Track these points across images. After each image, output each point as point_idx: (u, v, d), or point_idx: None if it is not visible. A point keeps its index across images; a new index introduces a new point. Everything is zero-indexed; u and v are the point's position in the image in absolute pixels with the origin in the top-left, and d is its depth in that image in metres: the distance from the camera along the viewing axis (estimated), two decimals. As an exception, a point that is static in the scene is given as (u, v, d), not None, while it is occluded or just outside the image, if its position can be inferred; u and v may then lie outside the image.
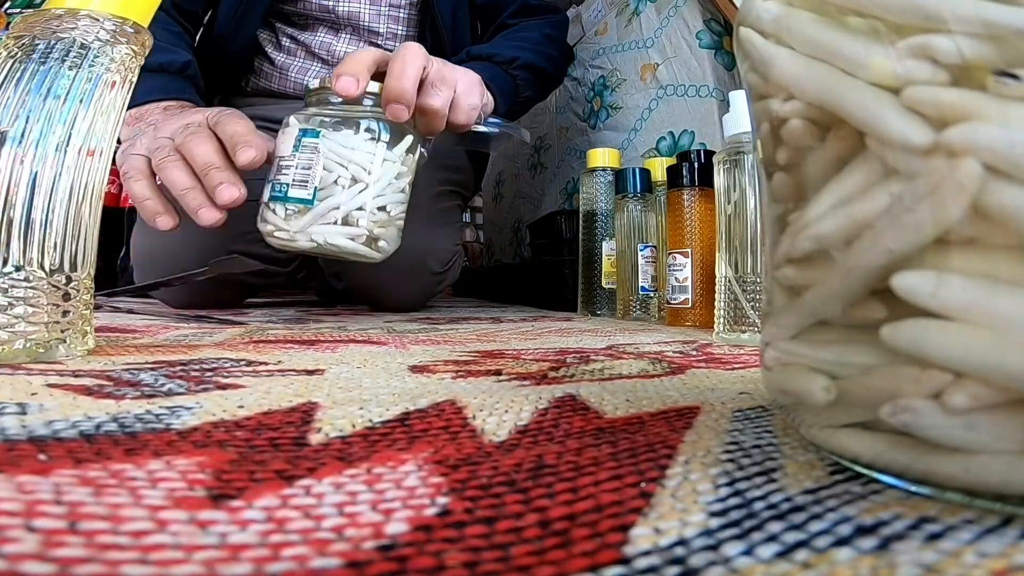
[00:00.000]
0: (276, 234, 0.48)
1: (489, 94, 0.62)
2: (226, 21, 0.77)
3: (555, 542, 0.10)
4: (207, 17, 0.82)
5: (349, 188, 0.47)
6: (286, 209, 0.47)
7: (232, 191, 0.47)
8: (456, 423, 0.18)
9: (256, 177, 0.54)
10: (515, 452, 0.15)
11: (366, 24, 0.81)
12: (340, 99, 0.49)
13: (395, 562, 0.09)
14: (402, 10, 0.82)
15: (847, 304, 0.13)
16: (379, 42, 0.82)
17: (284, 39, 0.82)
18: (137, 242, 0.70)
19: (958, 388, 0.11)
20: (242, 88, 0.84)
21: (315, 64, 0.82)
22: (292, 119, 0.49)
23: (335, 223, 0.47)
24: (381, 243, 0.50)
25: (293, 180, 0.48)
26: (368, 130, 0.49)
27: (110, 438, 0.15)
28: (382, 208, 0.49)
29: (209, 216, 0.48)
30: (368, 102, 0.50)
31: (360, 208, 0.48)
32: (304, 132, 0.48)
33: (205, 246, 0.67)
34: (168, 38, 0.67)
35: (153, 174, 0.50)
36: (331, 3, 0.79)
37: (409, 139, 0.51)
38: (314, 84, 0.51)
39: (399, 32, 0.83)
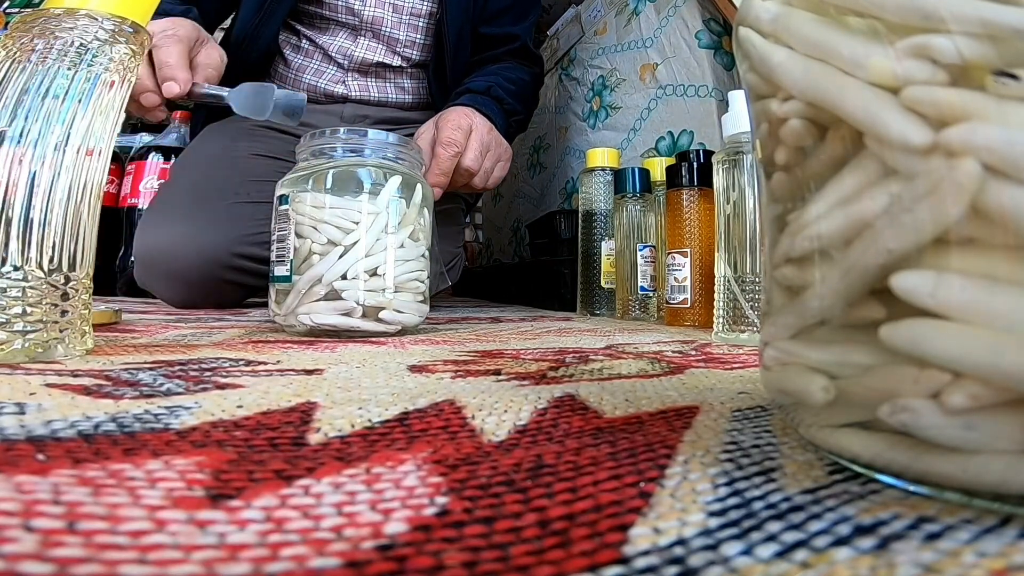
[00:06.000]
0: (275, 320, 0.44)
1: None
2: (247, 23, 0.78)
3: (554, 542, 0.10)
4: (228, 20, 0.83)
5: (329, 255, 0.41)
6: (276, 290, 0.43)
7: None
8: (455, 423, 0.18)
9: (268, 178, 0.54)
10: (514, 452, 0.15)
11: (387, 31, 0.83)
12: (326, 150, 0.43)
13: (394, 562, 0.09)
14: (421, 19, 0.84)
15: (846, 304, 0.13)
16: (397, 48, 0.84)
17: (303, 41, 0.84)
18: (140, 239, 0.70)
19: (957, 388, 0.11)
20: None
21: (330, 67, 0.83)
22: (278, 183, 0.45)
23: (322, 299, 0.41)
24: (389, 314, 0.42)
25: (275, 256, 0.43)
26: (339, 182, 0.42)
27: (108, 438, 0.15)
28: (374, 273, 0.42)
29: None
30: (342, 149, 0.43)
31: (344, 277, 0.41)
32: (280, 199, 0.43)
33: (207, 245, 0.67)
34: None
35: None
36: (357, 5, 0.80)
37: (397, 180, 0.43)
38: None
39: (417, 40, 0.85)
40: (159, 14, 0.66)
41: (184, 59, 0.59)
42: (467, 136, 0.66)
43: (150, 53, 0.57)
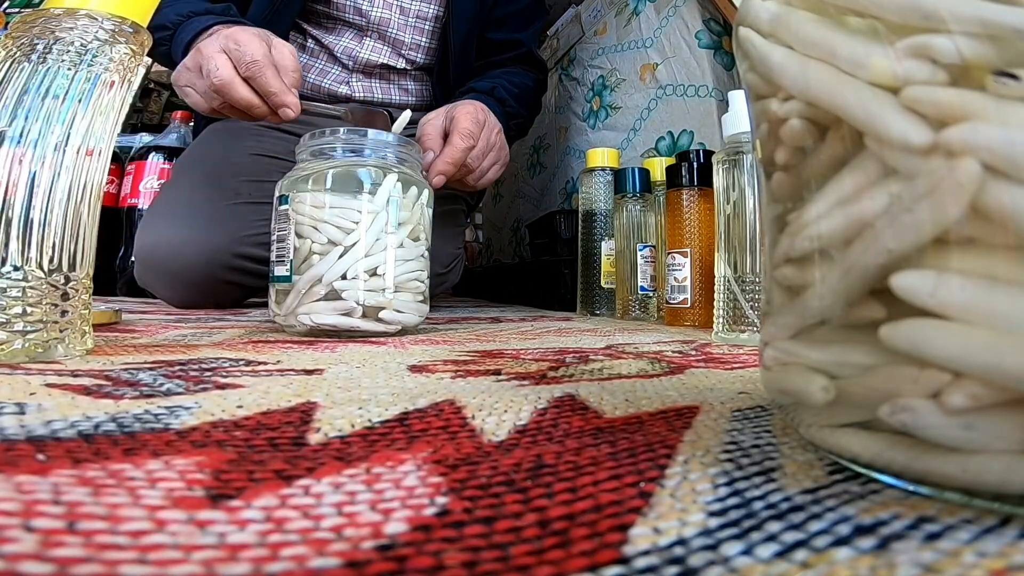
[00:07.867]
0: (275, 320, 0.44)
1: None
2: (256, 22, 0.78)
3: (554, 542, 0.10)
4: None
5: (329, 255, 0.41)
6: (275, 290, 0.43)
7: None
8: (455, 423, 0.18)
9: (268, 178, 0.53)
10: (514, 452, 0.15)
11: (393, 33, 0.83)
12: (325, 149, 0.44)
13: (394, 562, 0.09)
14: (427, 23, 0.85)
15: (846, 304, 0.13)
16: (402, 51, 0.85)
17: (309, 40, 0.84)
18: (141, 239, 0.70)
19: (956, 388, 0.11)
20: None
21: (335, 68, 0.84)
22: (278, 183, 0.45)
23: (322, 299, 0.41)
24: (389, 314, 0.42)
25: (275, 256, 0.43)
26: (339, 182, 0.42)
27: (109, 438, 0.15)
28: (374, 273, 0.42)
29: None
30: (342, 150, 0.43)
31: (344, 277, 0.41)
32: (280, 199, 0.43)
33: (208, 245, 0.67)
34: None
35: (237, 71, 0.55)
36: (365, 6, 0.80)
37: (392, 178, 0.43)
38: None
39: (422, 43, 0.85)
40: (200, 13, 0.64)
41: (281, 81, 0.56)
42: (481, 130, 0.67)
43: (244, 78, 0.54)
